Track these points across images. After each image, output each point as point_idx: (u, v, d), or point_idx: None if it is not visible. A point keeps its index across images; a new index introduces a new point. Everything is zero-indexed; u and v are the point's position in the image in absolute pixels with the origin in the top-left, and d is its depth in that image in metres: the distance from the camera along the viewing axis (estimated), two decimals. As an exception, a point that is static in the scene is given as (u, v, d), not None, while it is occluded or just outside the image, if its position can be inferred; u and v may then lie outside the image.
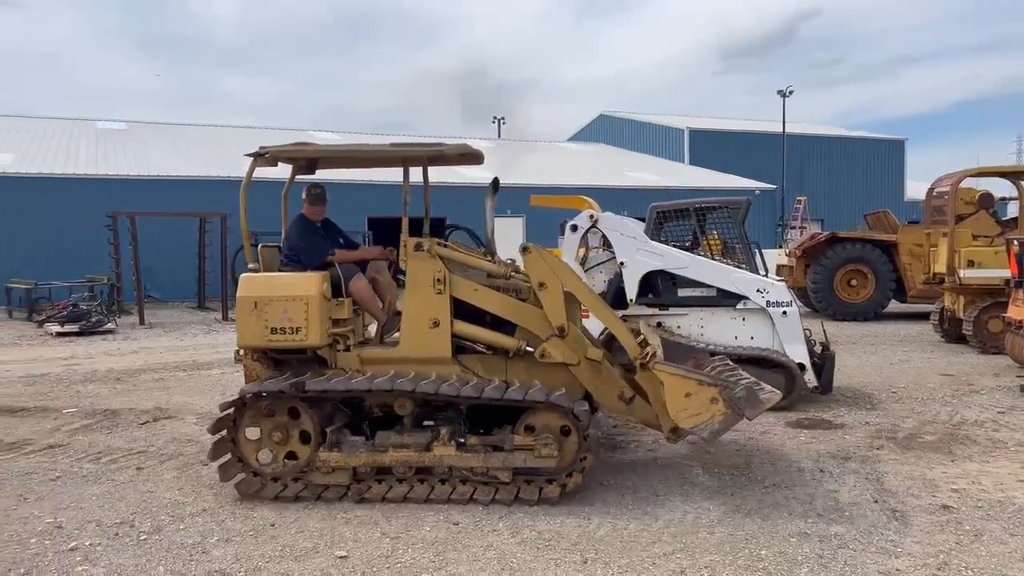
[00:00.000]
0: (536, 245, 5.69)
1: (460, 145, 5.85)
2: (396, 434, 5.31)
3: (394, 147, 5.90)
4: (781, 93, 39.78)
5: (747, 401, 4.91)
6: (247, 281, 5.62)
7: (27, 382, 9.87)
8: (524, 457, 5.14)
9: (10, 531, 4.75)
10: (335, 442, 5.30)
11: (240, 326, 5.57)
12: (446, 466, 5.23)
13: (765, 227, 30.56)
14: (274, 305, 5.46)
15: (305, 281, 5.54)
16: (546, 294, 5.55)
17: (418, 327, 5.57)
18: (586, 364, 5.60)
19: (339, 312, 5.64)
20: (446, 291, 5.55)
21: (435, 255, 5.58)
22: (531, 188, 24.66)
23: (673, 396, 5.01)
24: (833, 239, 16.23)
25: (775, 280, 8.43)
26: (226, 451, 5.37)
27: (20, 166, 22.39)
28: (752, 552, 4.33)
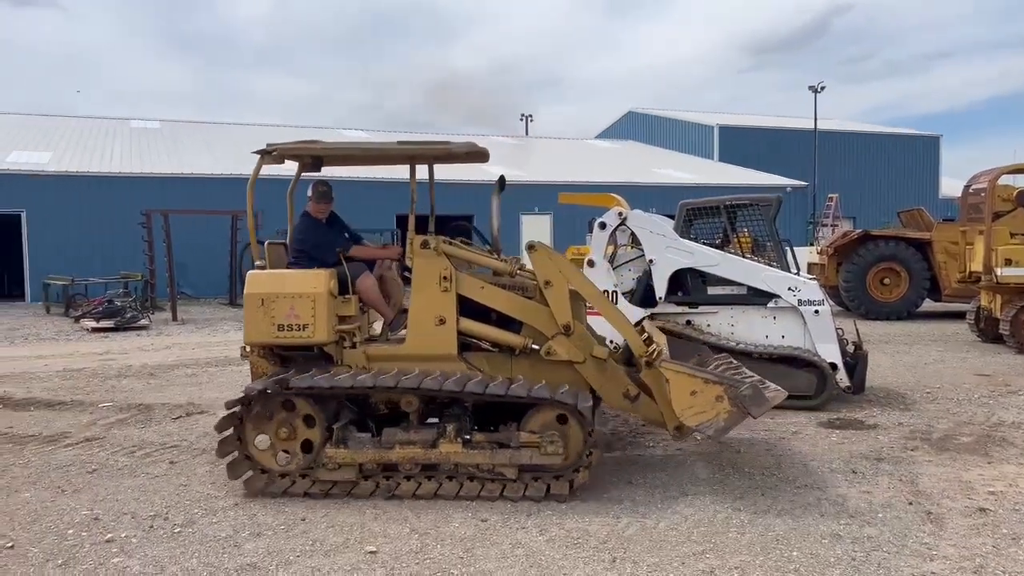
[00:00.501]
0: (542, 243, 5.69)
1: (466, 143, 5.84)
2: (402, 431, 5.33)
3: (400, 145, 5.91)
4: (812, 89, 39.30)
5: (752, 399, 4.90)
6: (254, 278, 5.65)
7: (64, 376, 10.06)
8: (530, 454, 5.15)
9: (49, 522, 4.85)
10: (341, 439, 5.31)
11: (247, 322, 5.59)
12: (452, 463, 5.24)
13: (796, 225, 30.24)
14: (281, 302, 5.49)
15: (312, 278, 5.57)
16: (552, 292, 5.56)
17: (424, 324, 5.60)
18: (591, 362, 5.59)
19: (345, 309, 5.70)
20: (452, 289, 5.57)
21: (441, 253, 5.59)
22: (559, 185, 24.65)
23: (679, 394, 5.02)
24: (866, 237, 16.02)
25: (807, 278, 8.34)
26: (233, 448, 5.38)
27: (58, 165, 22.81)
28: (783, 553, 4.29)
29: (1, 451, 6.48)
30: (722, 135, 40.97)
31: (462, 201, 25.66)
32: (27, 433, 7.09)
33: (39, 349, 12.75)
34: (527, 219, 26.44)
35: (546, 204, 25.91)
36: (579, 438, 5.22)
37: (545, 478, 5.22)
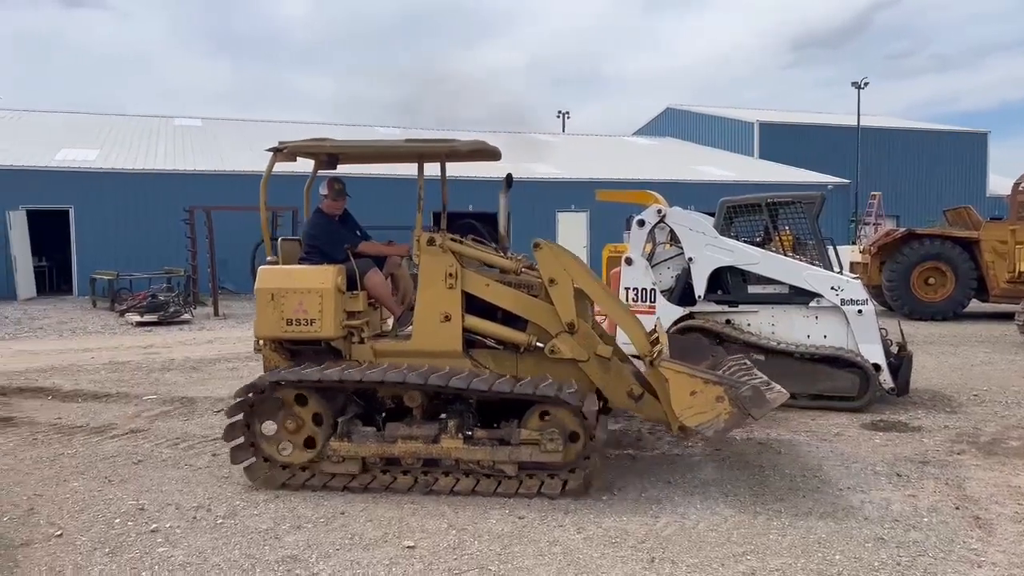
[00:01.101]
0: (548, 241, 5.67)
1: (472, 142, 5.85)
2: (405, 426, 5.37)
3: (407, 143, 5.95)
4: (855, 85, 38.63)
5: (753, 400, 4.84)
6: (265, 273, 5.76)
7: (110, 369, 10.28)
8: (530, 451, 5.14)
9: (96, 511, 4.96)
10: (346, 432, 5.37)
11: (258, 317, 5.71)
12: (453, 459, 5.26)
13: (838, 223, 29.74)
14: (290, 297, 5.58)
15: (320, 274, 5.64)
16: (556, 290, 5.53)
17: (430, 321, 5.62)
18: (596, 360, 5.55)
19: (354, 305, 5.75)
20: (457, 286, 5.57)
21: (447, 250, 5.59)
22: (596, 182, 24.56)
23: (678, 394, 4.96)
24: (910, 235, 15.70)
25: (850, 277, 8.20)
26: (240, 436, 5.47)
27: (104, 162, 23.30)
28: (825, 556, 4.22)
29: (50, 441, 6.65)
30: (762, 132, 40.42)
31: (493, 198, 25.72)
32: (75, 424, 7.26)
33: (86, 342, 13.04)
34: (563, 216, 26.37)
35: (582, 201, 25.82)
36: (580, 438, 5.19)
37: (540, 475, 5.21)
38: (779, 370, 7.77)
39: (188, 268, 19.43)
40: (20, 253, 20.67)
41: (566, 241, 26.15)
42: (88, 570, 4.11)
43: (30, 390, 8.84)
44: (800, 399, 7.78)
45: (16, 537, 4.55)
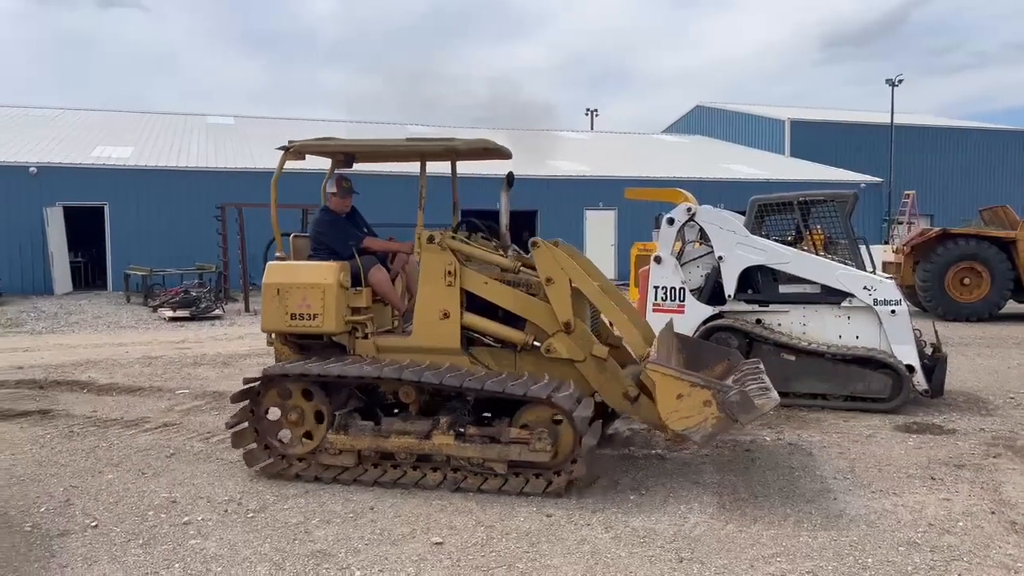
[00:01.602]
0: (544, 240, 5.66)
1: (475, 140, 5.89)
2: (400, 421, 5.44)
3: (408, 142, 6.05)
4: (890, 82, 38.00)
5: (741, 406, 4.75)
6: (272, 269, 5.90)
7: (144, 363, 10.45)
8: (519, 450, 5.14)
9: (130, 503, 5.04)
10: (343, 425, 5.46)
11: (264, 311, 5.85)
12: (444, 455, 5.30)
13: (870, 222, 29.33)
14: (294, 292, 5.71)
15: (323, 270, 5.76)
16: (553, 289, 5.52)
17: (429, 318, 5.67)
18: (591, 361, 5.53)
19: (357, 301, 5.85)
20: (456, 283, 5.61)
21: (446, 248, 5.64)
22: (625, 180, 24.46)
23: (664, 397, 4.87)
24: (945, 235, 15.42)
25: (883, 277, 8.08)
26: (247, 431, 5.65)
27: (138, 159, 23.65)
28: (857, 559, 4.17)
29: (86, 433, 6.77)
30: (794, 129, 39.95)
31: (527, 195, 25.68)
32: (110, 417, 7.39)
33: (120, 337, 13.27)
34: (591, 214, 26.30)
35: (611, 199, 25.72)
36: (569, 439, 5.17)
37: (526, 474, 5.22)
38: (810, 370, 7.72)
39: (219, 264, 19.68)
40: (57, 249, 21.06)
41: (594, 239, 26.13)
42: (123, 561, 4.19)
43: (67, 383, 9.02)
44: (831, 400, 7.70)
45: (53, 527, 4.64)
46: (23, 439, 6.60)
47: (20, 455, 6.13)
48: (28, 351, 11.54)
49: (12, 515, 4.84)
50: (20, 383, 9.01)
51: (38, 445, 6.42)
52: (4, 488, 5.35)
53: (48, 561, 4.19)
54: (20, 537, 4.50)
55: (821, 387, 7.74)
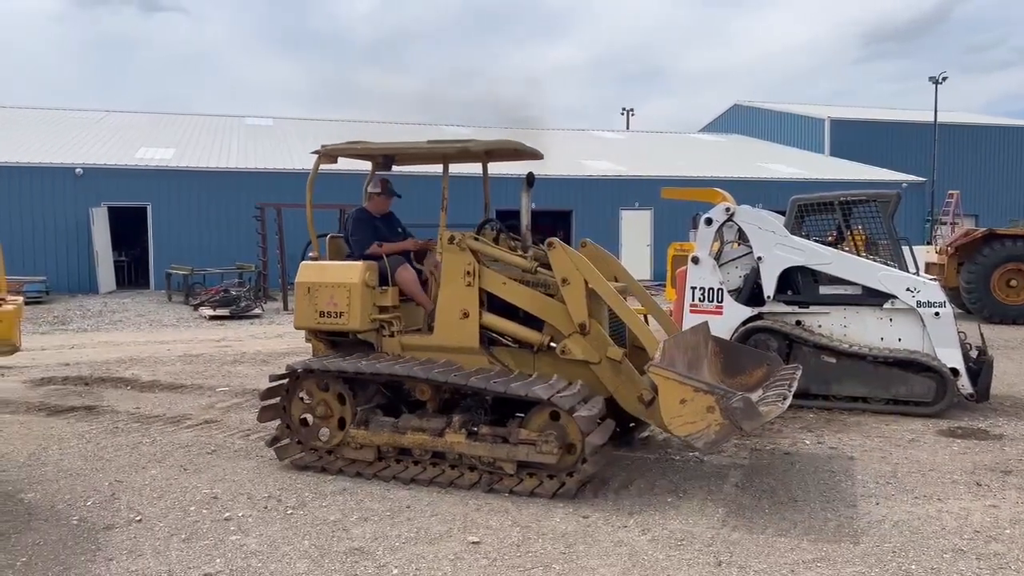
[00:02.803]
0: (561, 241, 5.65)
1: (494, 141, 6.03)
2: (416, 418, 5.54)
3: (430, 144, 6.18)
4: (933, 80, 37.32)
5: (744, 412, 4.64)
6: (304, 268, 6.15)
7: (185, 361, 10.63)
8: (527, 451, 5.15)
9: (173, 499, 5.14)
10: (364, 420, 5.62)
11: (296, 309, 6.11)
12: (456, 453, 5.37)
13: (913, 222, 28.75)
14: (323, 291, 5.94)
15: (349, 270, 5.96)
16: (569, 290, 5.51)
17: (450, 317, 5.78)
18: (607, 363, 5.50)
19: (383, 300, 6.00)
20: (475, 283, 5.70)
21: (465, 248, 5.72)
22: (661, 180, 24.23)
23: (667, 401, 4.78)
24: (990, 236, 15.07)
25: (927, 279, 7.92)
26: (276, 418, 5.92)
27: (180, 160, 24.08)
28: (901, 566, 4.09)
29: (130, 430, 6.91)
30: (833, 128, 39.35)
31: (562, 195, 25.65)
32: (152, 413, 7.53)
33: (162, 335, 13.52)
34: (627, 214, 26.15)
35: (647, 199, 25.55)
36: (577, 439, 5.13)
37: (540, 475, 5.22)
38: (851, 373, 7.60)
39: (259, 264, 19.95)
40: (102, 248, 21.53)
41: (630, 239, 25.99)
42: (166, 555, 4.26)
43: (111, 380, 9.22)
44: (873, 403, 7.57)
45: (99, 521, 4.75)
46: (70, 434, 6.76)
47: (67, 450, 6.29)
48: (74, 348, 11.82)
49: (60, 508, 4.96)
50: (67, 379, 9.23)
51: (84, 440, 6.57)
52: (52, 482, 5.48)
53: (94, 554, 4.28)
54: (67, 530, 4.61)
55: (862, 390, 7.62)
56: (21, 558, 4.23)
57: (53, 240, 21.56)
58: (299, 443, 5.85)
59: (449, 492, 5.24)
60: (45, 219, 21.50)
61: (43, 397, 8.28)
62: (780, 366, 6.09)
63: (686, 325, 8.17)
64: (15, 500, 5.12)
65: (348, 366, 5.62)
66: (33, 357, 10.61)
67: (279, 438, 5.87)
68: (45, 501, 5.10)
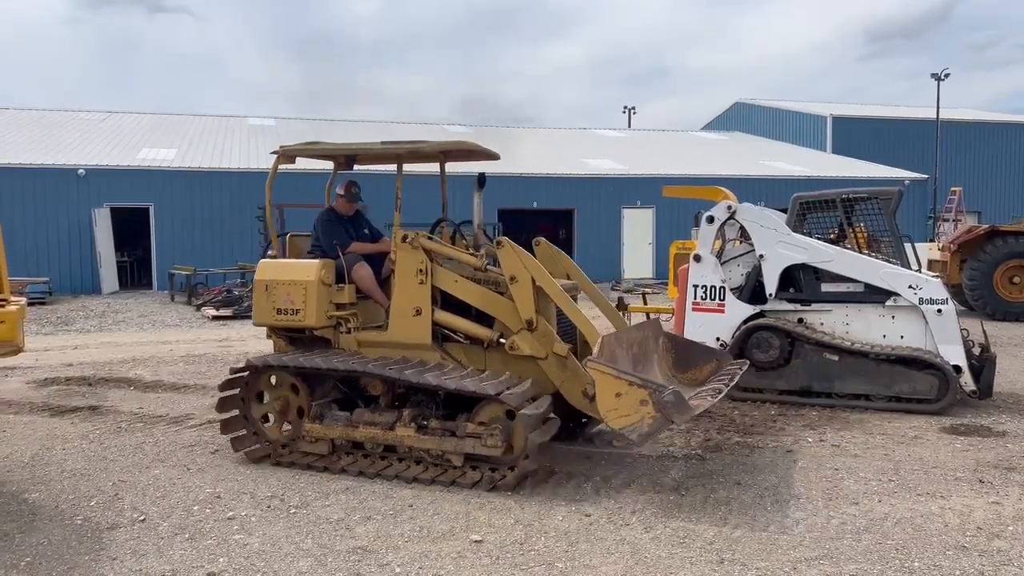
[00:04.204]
0: (509, 240, 5.75)
1: (446, 142, 6.22)
2: (369, 412, 5.68)
3: (383, 145, 6.28)
4: (936, 76, 37.21)
5: (675, 406, 4.72)
6: (263, 266, 6.29)
7: (187, 361, 10.65)
8: (473, 444, 5.30)
9: (176, 498, 5.15)
10: (318, 415, 5.77)
11: (255, 306, 6.23)
12: (406, 446, 5.52)
13: (915, 219, 28.72)
14: (280, 288, 6.06)
15: (306, 268, 6.08)
16: (517, 288, 5.62)
17: (403, 314, 5.91)
18: (553, 359, 5.62)
19: (340, 297, 6.12)
20: (428, 281, 5.85)
21: (418, 247, 5.85)
22: (663, 178, 24.26)
23: (603, 395, 4.89)
24: (993, 232, 15.05)
25: (930, 276, 7.92)
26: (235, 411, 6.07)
27: (182, 161, 24.10)
28: (903, 563, 4.09)
29: (134, 430, 6.93)
30: (836, 126, 39.27)
31: (564, 194, 25.65)
32: (156, 413, 7.55)
33: (165, 335, 13.54)
34: (629, 213, 26.14)
35: (648, 198, 25.55)
36: (521, 435, 5.24)
37: (482, 468, 5.37)
38: (853, 371, 7.60)
39: (261, 264, 19.94)
40: (104, 249, 21.56)
41: (632, 238, 25.98)
42: (169, 555, 4.27)
43: (114, 380, 9.24)
44: (875, 401, 7.56)
45: (103, 520, 4.76)
46: (74, 434, 6.78)
47: (71, 450, 6.30)
48: (77, 349, 11.85)
49: (64, 508, 4.98)
50: (70, 380, 9.25)
51: (88, 440, 6.59)
52: (56, 482, 5.50)
53: (98, 553, 4.29)
54: (71, 530, 4.63)
55: (864, 387, 7.61)
56: (25, 558, 4.25)
57: (56, 241, 21.59)
58: (255, 435, 6.04)
59: (451, 491, 5.25)
60: (48, 220, 21.52)
61: (47, 398, 8.30)
62: (728, 361, 6.20)
63: (689, 324, 8.20)
64: (19, 500, 5.14)
65: (289, 361, 5.81)
66: (36, 358, 10.63)
67: (230, 422, 6.04)
68: (49, 501, 5.12)
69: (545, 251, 6.36)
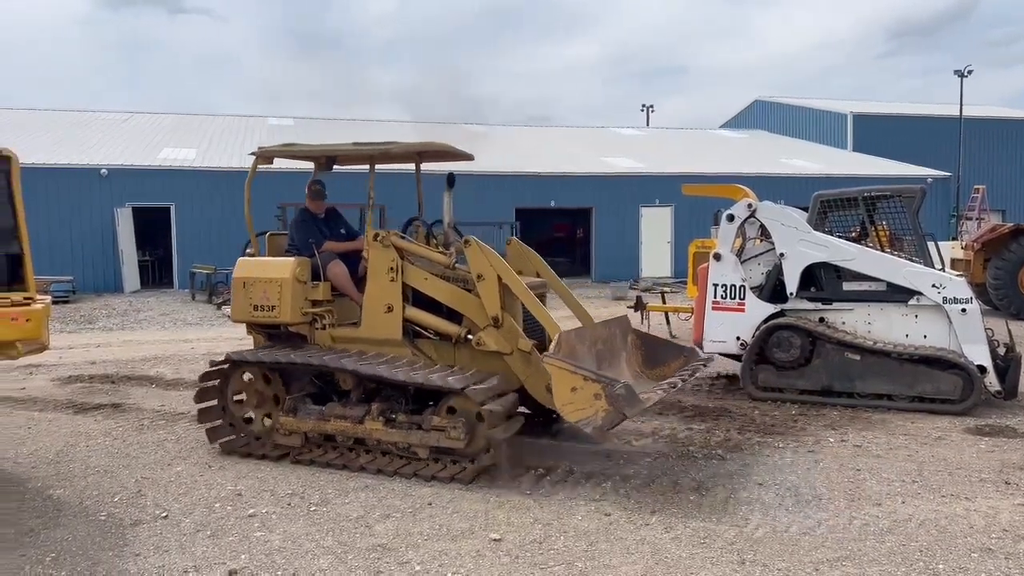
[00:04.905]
0: (476, 239, 5.84)
1: (416, 143, 6.38)
2: (340, 406, 5.83)
3: (356, 145, 6.46)
4: (958, 73, 36.83)
5: (626, 399, 4.84)
6: (241, 264, 6.46)
7: (208, 359, 10.70)
8: (438, 437, 5.43)
9: (198, 495, 5.19)
10: (292, 408, 5.93)
11: (233, 303, 6.42)
12: (375, 439, 5.67)
13: (938, 218, 28.39)
14: (257, 285, 6.22)
15: (281, 265, 6.24)
16: (483, 285, 5.75)
17: (375, 311, 6.06)
18: (518, 354, 5.74)
19: (315, 294, 6.29)
20: (398, 279, 5.98)
21: (389, 245, 5.98)
22: (682, 177, 24.09)
23: (559, 389, 5.02)
24: (1017, 231, 14.85)
25: (954, 275, 7.82)
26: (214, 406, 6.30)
27: (202, 161, 24.28)
28: (927, 565, 4.05)
29: (156, 427, 6.99)
30: (856, 123, 38.90)
31: (582, 193, 25.59)
32: (177, 411, 7.61)
33: (186, 333, 13.65)
34: (647, 211, 26.02)
35: (667, 196, 25.40)
36: (484, 430, 5.37)
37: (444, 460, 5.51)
38: (875, 370, 7.52)
39: (280, 263, 20.05)
40: (126, 248, 21.77)
41: (650, 237, 25.87)
42: (192, 551, 4.31)
43: (137, 378, 9.33)
44: (898, 401, 7.49)
45: (126, 517, 4.81)
46: (97, 431, 6.85)
47: (95, 447, 6.37)
48: (100, 347, 11.97)
49: (88, 504, 5.03)
50: (93, 378, 9.35)
51: (111, 437, 6.66)
52: (80, 478, 5.56)
53: (122, 549, 4.34)
54: (95, 526, 4.68)
55: (887, 387, 7.54)
56: (51, 553, 4.30)
57: (79, 240, 21.82)
58: (231, 425, 6.23)
59: (470, 489, 5.25)
60: (71, 220, 21.74)
61: (70, 395, 8.40)
62: (695, 357, 6.28)
63: (709, 323, 8.16)
64: (44, 496, 5.21)
65: (266, 357, 6.01)
66: (60, 356, 10.76)
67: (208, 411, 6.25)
68: (73, 497, 5.18)
69: (516, 250, 6.64)
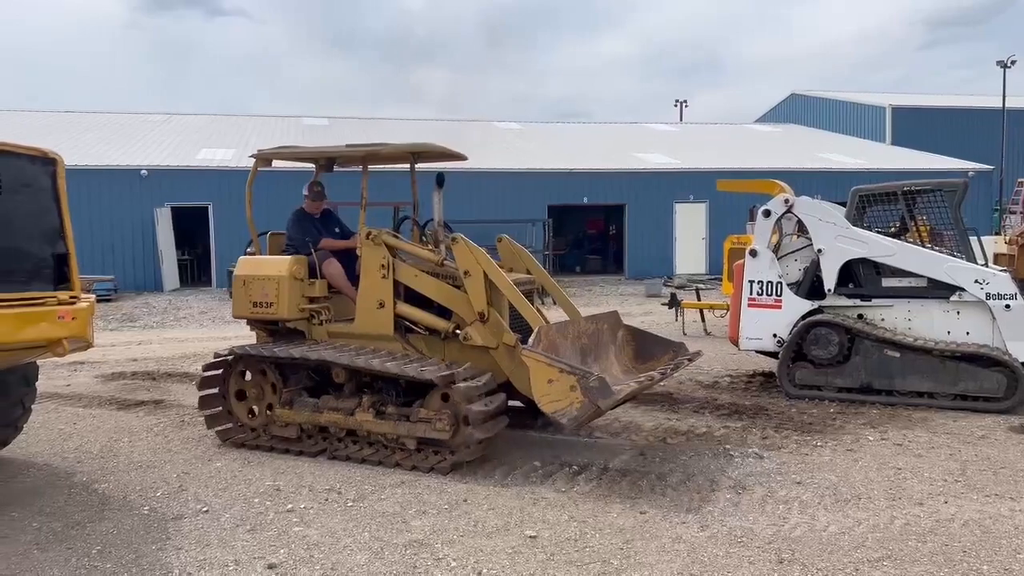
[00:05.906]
0: (463, 236, 5.97)
1: (405, 144, 6.54)
2: (333, 399, 5.97)
3: (348, 148, 6.62)
4: (1001, 64, 35.91)
5: (599, 391, 4.94)
6: (242, 263, 6.67)
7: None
8: (424, 428, 5.56)
9: (237, 491, 5.28)
10: (288, 400, 6.09)
11: (234, 300, 6.63)
12: (365, 430, 5.82)
13: (980, 212, 27.77)
14: (256, 283, 6.43)
15: (279, 263, 6.45)
16: (470, 282, 5.89)
17: (368, 307, 6.23)
18: (503, 348, 5.86)
19: (312, 291, 6.49)
20: (390, 276, 6.15)
21: (380, 243, 6.15)
22: (716, 172, 23.91)
23: (537, 381, 5.15)
24: (1065, 225, 14.48)
25: (997, 270, 7.65)
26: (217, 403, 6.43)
27: (239, 161, 24.58)
28: (971, 566, 3.98)
29: (196, 423, 7.10)
30: (895, 117, 38.23)
31: (615, 189, 25.48)
32: (217, 408, 7.72)
33: (224, 331, 13.87)
34: (681, 207, 25.84)
35: (702, 192, 25.21)
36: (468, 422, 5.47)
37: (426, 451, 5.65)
38: (916, 368, 7.40)
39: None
40: (166, 247, 22.17)
41: (684, 233, 25.68)
42: (232, 545, 4.38)
43: (177, 375, 9.50)
44: (939, 399, 7.35)
45: (168, 511, 4.91)
46: (139, 427, 7.00)
47: (138, 442, 6.51)
48: (141, 345, 12.22)
49: (132, 499, 5.15)
50: (135, 375, 9.54)
51: (153, 433, 6.79)
52: (124, 473, 5.69)
53: (164, 543, 4.43)
54: (139, 519, 4.78)
55: (928, 385, 7.40)
56: (96, 546, 4.40)
57: (120, 240, 22.26)
58: (229, 414, 6.41)
59: (506, 486, 5.27)
60: (113, 219, 22.19)
61: (114, 392, 8.58)
62: (684, 352, 6.32)
63: (745, 320, 8.08)
64: (89, 491, 5.33)
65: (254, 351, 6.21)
66: (104, 353, 11.00)
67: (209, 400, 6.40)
68: (117, 492, 5.29)
69: (507, 247, 6.85)
